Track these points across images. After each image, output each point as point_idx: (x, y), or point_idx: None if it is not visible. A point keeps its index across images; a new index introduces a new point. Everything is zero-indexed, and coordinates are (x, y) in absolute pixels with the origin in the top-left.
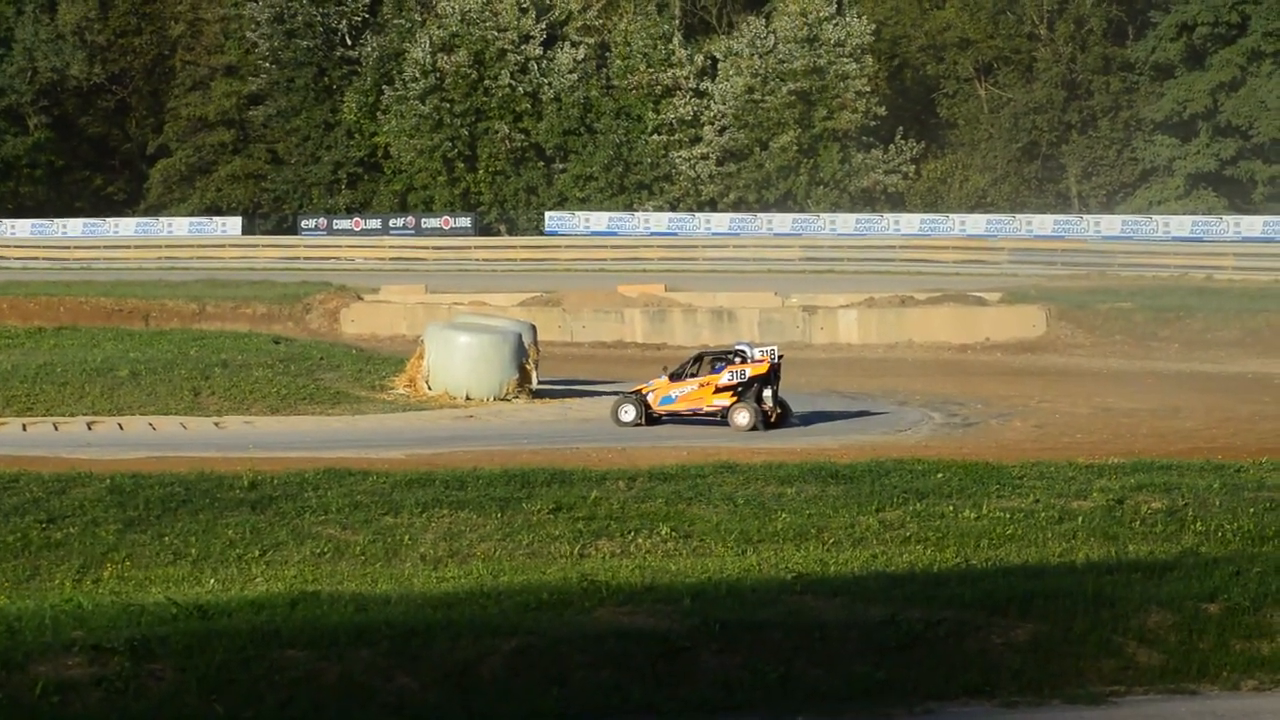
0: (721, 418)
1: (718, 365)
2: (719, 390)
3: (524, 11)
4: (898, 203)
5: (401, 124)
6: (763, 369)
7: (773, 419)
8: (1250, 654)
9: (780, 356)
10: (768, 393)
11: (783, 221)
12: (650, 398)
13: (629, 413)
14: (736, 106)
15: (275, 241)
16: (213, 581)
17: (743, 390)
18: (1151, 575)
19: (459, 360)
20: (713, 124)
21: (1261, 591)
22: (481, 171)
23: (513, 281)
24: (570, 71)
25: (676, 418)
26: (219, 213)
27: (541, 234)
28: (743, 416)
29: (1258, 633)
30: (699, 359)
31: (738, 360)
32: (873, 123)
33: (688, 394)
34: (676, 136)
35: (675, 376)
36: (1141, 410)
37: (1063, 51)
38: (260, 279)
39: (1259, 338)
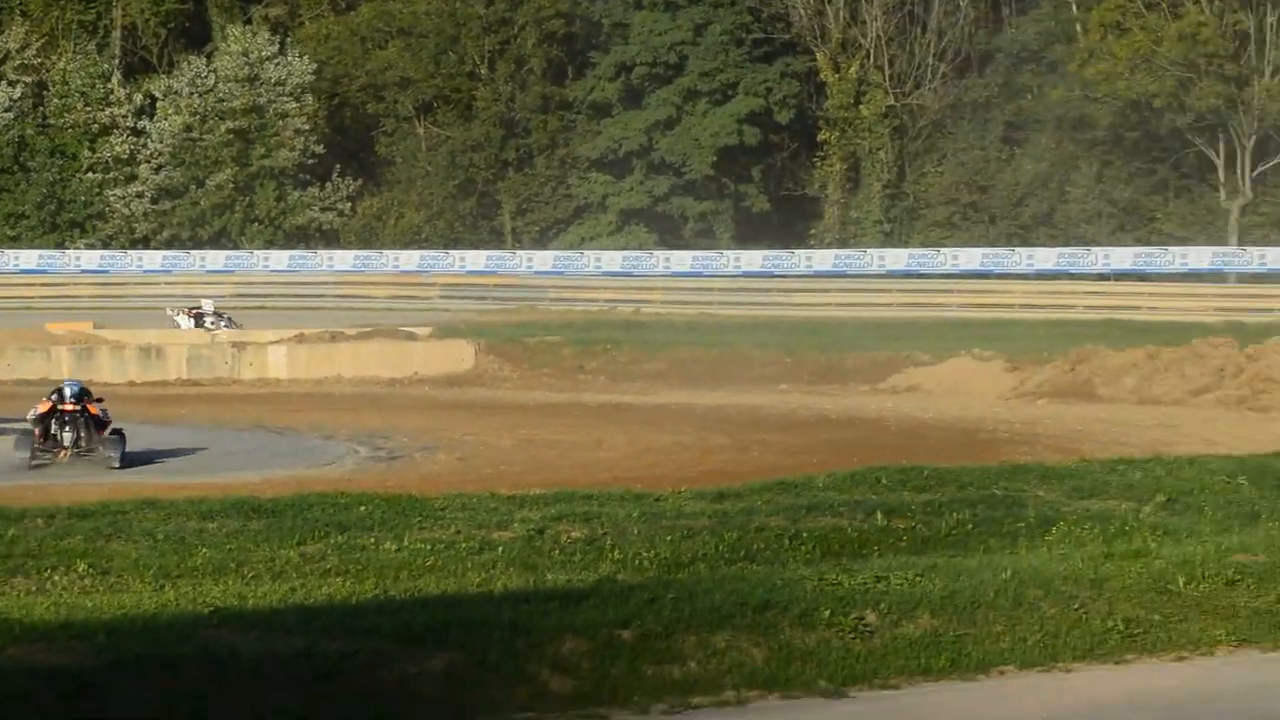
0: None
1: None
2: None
3: None
4: (333, 240)
5: None
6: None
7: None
8: (662, 678)
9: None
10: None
11: (216, 259)
12: None
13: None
14: (174, 144)
15: None
16: None
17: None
18: (568, 603)
19: None
20: (149, 162)
21: (674, 617)
22: None
23: None
24: (5, 110)
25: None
26: None
27: None
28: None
29: (669, 657)
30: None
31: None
32: (310, 160)
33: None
34: (112, 175)
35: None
36: (565, 441)
37: (502, 90)
38: None
39: (683, 369)
